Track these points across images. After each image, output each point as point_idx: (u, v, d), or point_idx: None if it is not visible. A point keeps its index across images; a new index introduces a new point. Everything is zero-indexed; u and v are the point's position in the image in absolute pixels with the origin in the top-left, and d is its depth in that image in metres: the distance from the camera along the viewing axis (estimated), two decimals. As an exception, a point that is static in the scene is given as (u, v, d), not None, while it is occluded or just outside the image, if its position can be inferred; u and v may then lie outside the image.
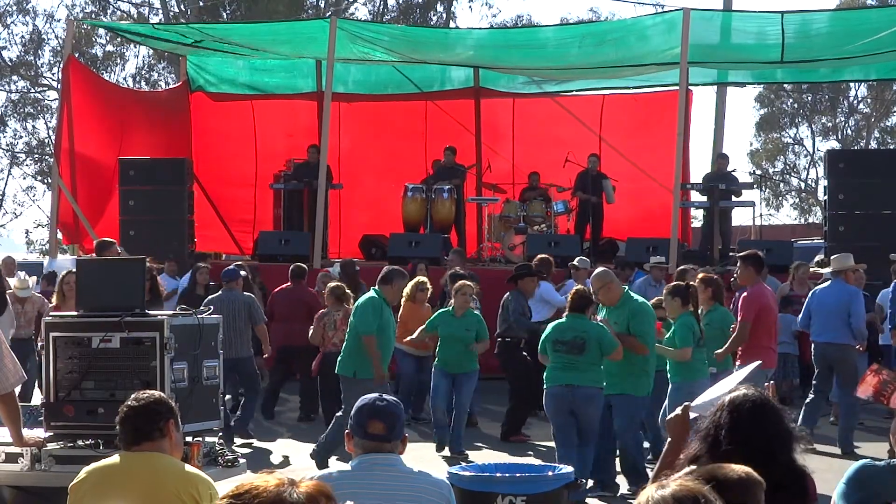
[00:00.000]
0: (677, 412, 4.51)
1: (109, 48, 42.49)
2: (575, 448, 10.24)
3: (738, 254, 12.66)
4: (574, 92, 23.75)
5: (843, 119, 48.18)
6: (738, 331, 11.12)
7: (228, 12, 39.35)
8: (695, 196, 19.87)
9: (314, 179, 18.93)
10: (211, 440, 6.96)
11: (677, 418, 4.50)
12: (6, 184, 44.96)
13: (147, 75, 43.06)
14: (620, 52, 19.83)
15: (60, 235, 21.16)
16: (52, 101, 42.06)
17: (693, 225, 25.36)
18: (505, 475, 7.70)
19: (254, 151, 22.46)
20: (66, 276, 10.70)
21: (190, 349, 6.84)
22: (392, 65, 22.07)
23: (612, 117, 22.56)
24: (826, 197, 18.10)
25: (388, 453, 4.60)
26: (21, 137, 44.20)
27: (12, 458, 6.65)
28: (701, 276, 11.49)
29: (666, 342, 10.61)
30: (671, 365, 10.64)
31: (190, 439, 6.45)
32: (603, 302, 10.61)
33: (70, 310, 7.98)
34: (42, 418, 6.89)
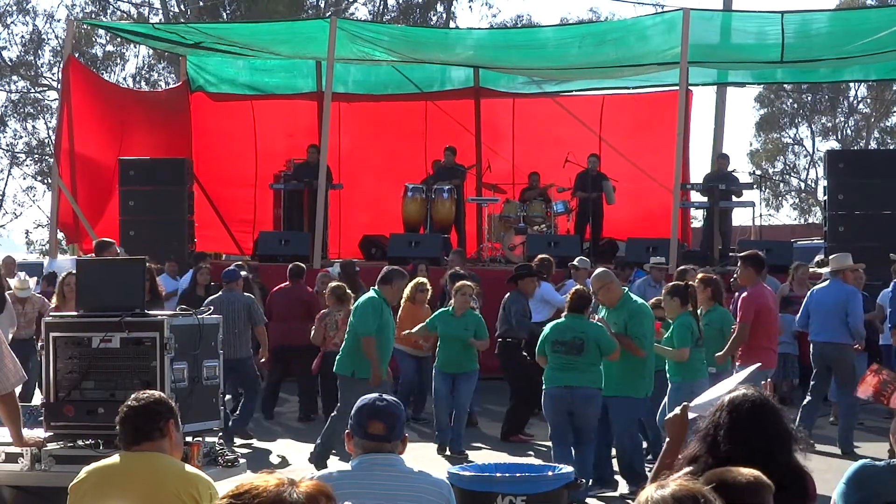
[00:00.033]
0: (676, 412, 4.51)
1: (109, 48, 42.49)
2: (571, 447, 10.25)
3: (739, 254, 12.65)
4: (574, 92, 23.73)
5: (843, 119, 48.17)
6: (738, 332, 11.10)
7: (228, 12, 39.35)
8: (695, 196, 19.86)
9: (314, 179, 18.90)
10: (211, 440, 6.96)
11: (676, 418, 4.50)
12: (6, 184, 45.02)
13: (147, 75, 43.06)
14: (620, 52, 19.81)
15: (61, 235, 21.14)
16: (52, 101, 42.09)
17: (693, 225, 25.36)
18: (505, 475, 7.71)
19: (254, 151, 22.44)
20: (67, 278, 10.70)
21: (190, 349, 6.84)
22: (392, 65, 22.06)
23: (612, 117, 22.53)
24: (826, 197, 18.09)
25: (389, 453, 4.61)
26: (21, 137, 44.26)
27: (12, 458, 6.65)
28: (700, 276, 11.46)
29: (664, 342, 10.60)
30: (670, 365, 10.64)
31: (190, 439, 6.46)
32: (603, 302, 10.60)
33: (70, 311, 7.97)
34: (42, 418, 6.89)
